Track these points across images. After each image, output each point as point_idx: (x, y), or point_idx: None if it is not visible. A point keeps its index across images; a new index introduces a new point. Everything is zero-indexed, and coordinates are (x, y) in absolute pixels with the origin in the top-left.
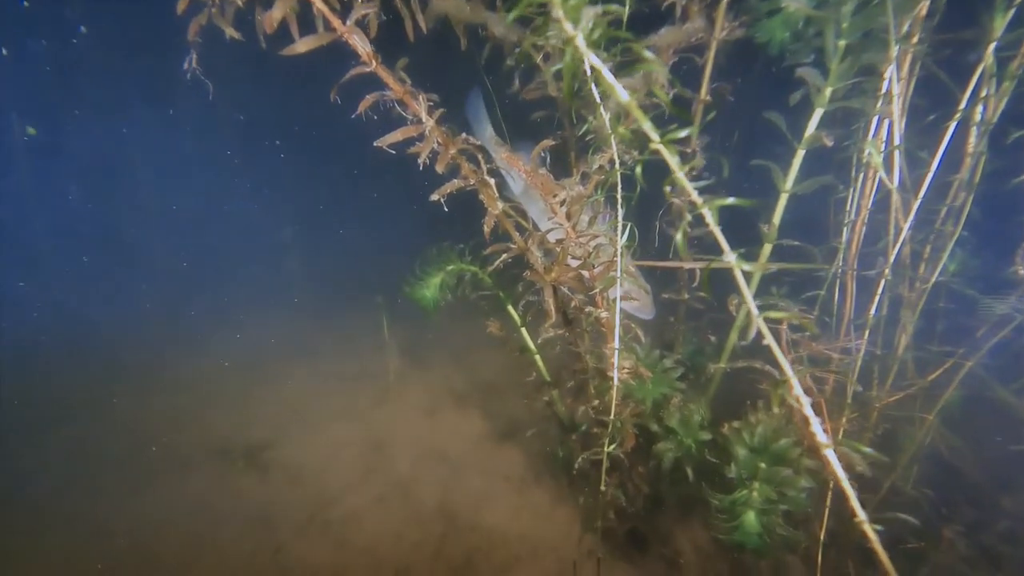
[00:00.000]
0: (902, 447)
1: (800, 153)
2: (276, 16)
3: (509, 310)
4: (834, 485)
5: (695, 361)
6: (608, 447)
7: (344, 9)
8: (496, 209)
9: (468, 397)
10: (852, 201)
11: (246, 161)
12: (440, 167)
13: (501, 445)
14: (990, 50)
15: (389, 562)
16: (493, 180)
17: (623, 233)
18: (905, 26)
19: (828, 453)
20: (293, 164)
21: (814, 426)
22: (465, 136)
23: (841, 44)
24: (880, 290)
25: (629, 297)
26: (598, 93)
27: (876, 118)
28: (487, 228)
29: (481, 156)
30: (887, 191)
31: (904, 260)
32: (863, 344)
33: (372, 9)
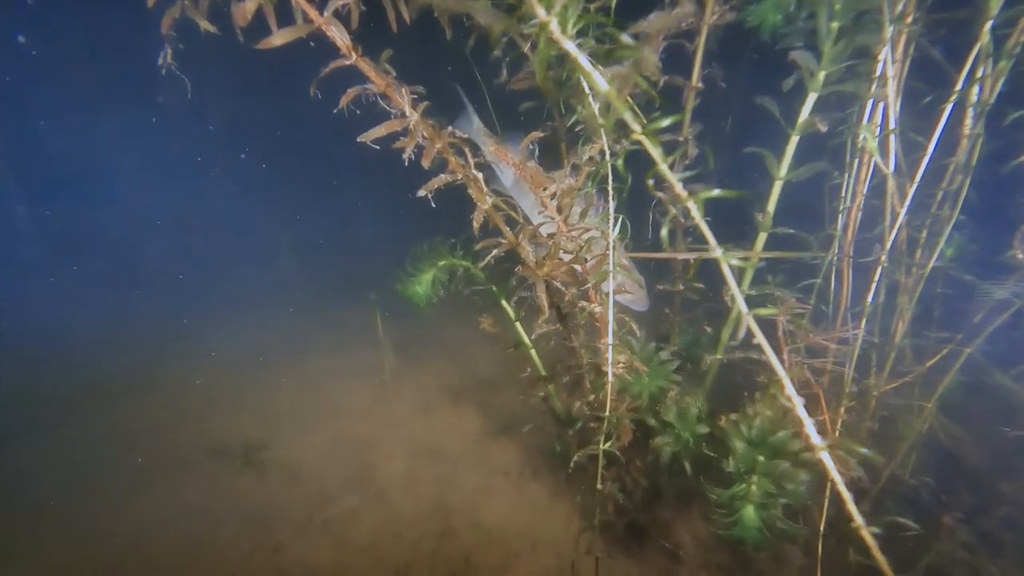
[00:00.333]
0: (901, 435)
1: (794, 139)
2: (249, 8)
3: (503, 304)
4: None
5: (691, 352)
6: (604, 444)
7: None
8: (485, 204)
9: (464, 392)
10: (847, 187)
11: (237, 159)
12: (426, 162)
13: (498, 440)
14: (986, 28)
15: (388, 561)
16: (482, 174)
17: (615, 226)
18: (899, 6)
19: (824, 456)
20: (282, 160)
21: (808, 428)
22: (451, 129)
23: (834, 26)
24: (877, 277)
25: (623, 290)
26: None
27: (871, 102)
28: (476, 224)
29: (468, 150)
30: (883, 176)
31: (901, 246)
32: (860, 333)
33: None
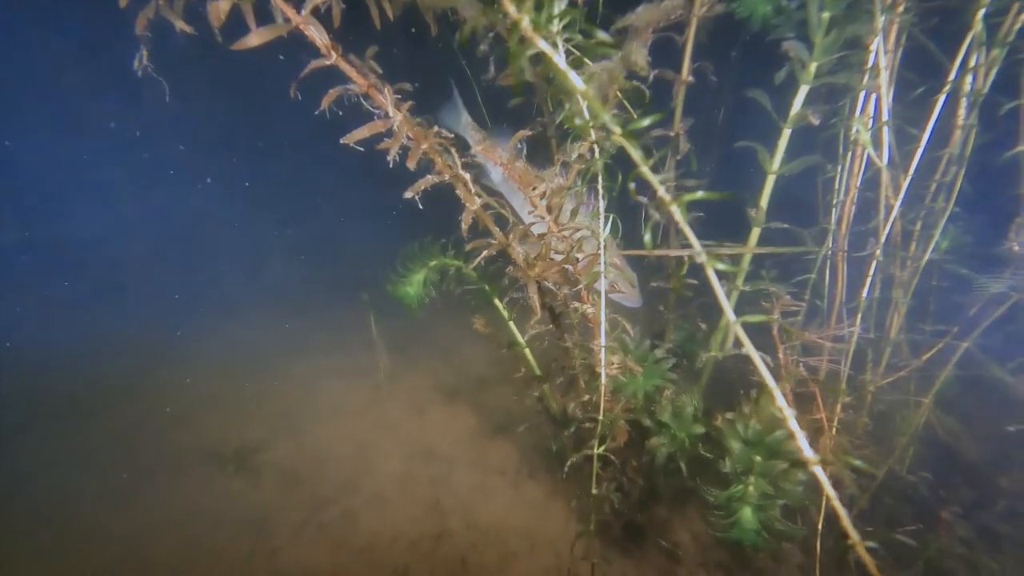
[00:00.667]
0: (898, 430)
1: (786, 132)
2: (223, 7)
3: (496, 304)
4: (831, 477)
5: (686, 348)
6: (598, 448)
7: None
8: (474, 205)
9: (459, 392)
10: (840, 180)
11: (227, 159)
12: (411, 164)
13: (494, 439)
14: (979, 17)
15: (386, 563)
16: (469, 175)
17: (606, 225)
18: None
19: (817, 471)
20: (271, 161)
21: (800, 441)
22: (438, 129)
23: (825, 16)
24: (872, 271)
25: (615, 287)
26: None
27: (863, 93)
28: (464, 225)
29: (455, 150)
30: (876, 169)
31: (895, 239)
32: (856, 328)
33: None
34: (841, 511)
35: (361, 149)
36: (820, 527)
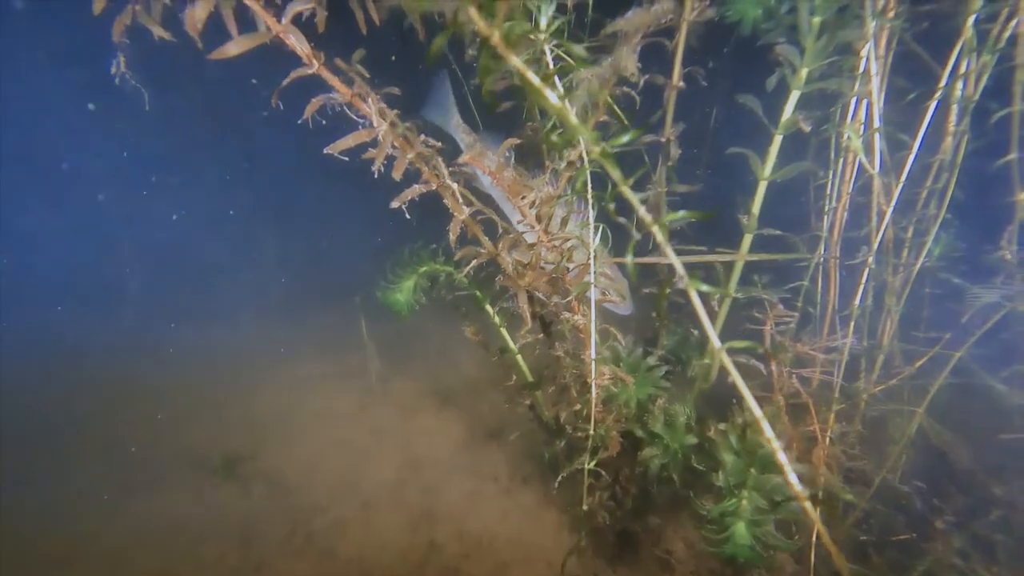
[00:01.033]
0: (892, 438)
1: (778, 138)
2: (199, 15)
3: (487, 310)
4: (825, 484)
5: (679, 353)
6: (590, 463)
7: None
8: (462, 214)
9: (451, 396)
10: (832, 187)
11: (216, 161)
12: (396, 174)
13: (487, 445)
14: (969, 23)
15: (376, 573)
16: (459, 182)
17: (596, 234)
18: (881, 0)
19: (808, 506)
20: (261, 163)
21: (789, 475)
22: (425, 138)
23: (815, 21)
24: (864, 278)
25: (607, 294)
26: (561, 85)
27: (854, 99)
28: (452, 236)
29: (443, 160)
30: (868, 175)
31: (888, 246)
32: (848, 339)
33: (308, 6)
34: (833, 549)
35: (345, 159)
36: (814, 538)
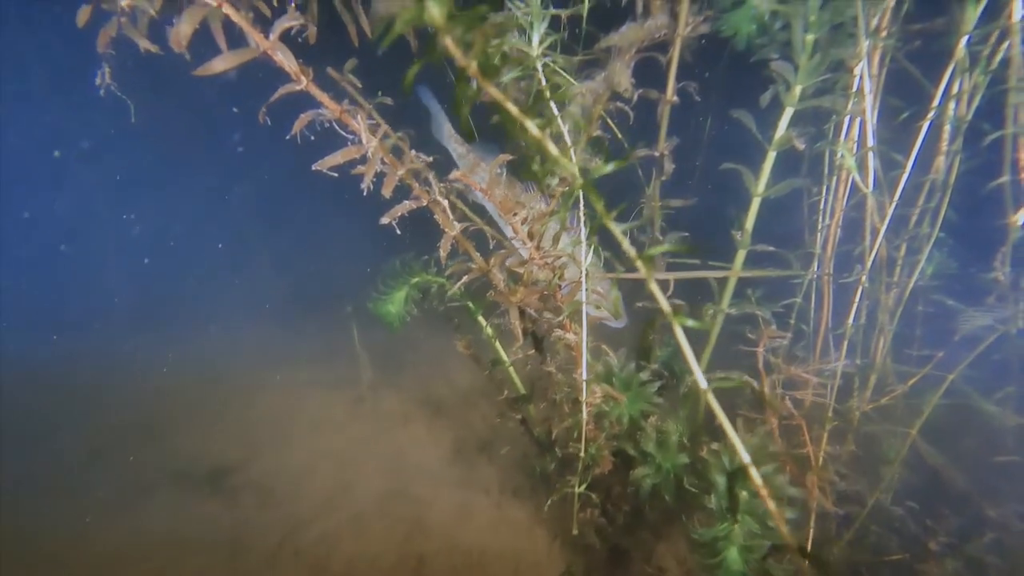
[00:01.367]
0: (885, 458)
1: (771, 155)
2: (184, 32)
3: (480, 321)
4: (818, 507)
5: (673, 365)
6: (580, 486)
7: (276, 14)
8: (453, 230)
9: (443, 406)
10: (826, 204)
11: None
12: (386, 191)
13: (478, 456)
14: (961, 44)
15: None
16: (447, 201)
17: (588, 253)
18: (875, 20)
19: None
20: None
21: (780, 527)
22: (416, 154)
23: (809, 39)
24: (857, 298)
25: (600, 308)
26: (555, 104)
27: (848, 117)
28: (443, 252)
29: (434, 176)
30: (862, 193)
31: (881, 264)
32: (841, 359)
33: (297, 22)
34: None
35: (335, 175)
36: (807, 562)
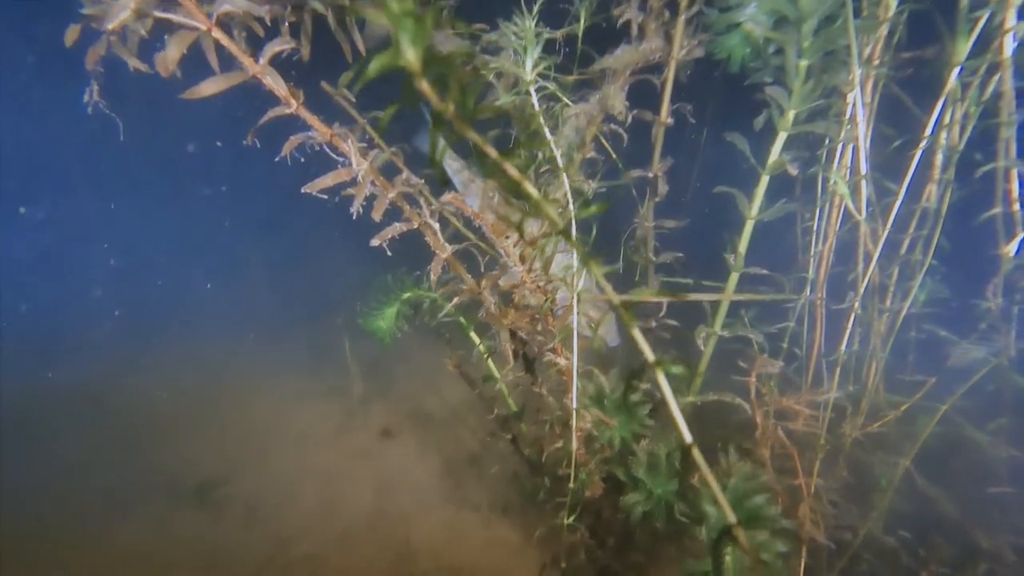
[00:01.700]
0: (879, 485)
1: (765, 179)
2: (172, 56)
3: (472, 337)
4: (809, 541)
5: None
6: (569, 517)
7: (270, 34)
8: (444, 252)
9: (433, 421)
10: (819, 228)
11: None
12: (376, 215)
13: (468, 472)
14: (953, 75)
15: None
16: (437, 224)
17: (579, 279)
18: (867, 48)
19: None
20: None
21: None
22: (407, 176)
23: (803, 64)
24: (850, 324)
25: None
26: (547, 128)
27: (841, 144)
28: (434, 276)
29: (424, 199)
30: (854, 221)
31: (874, 290)
32: (834, 389)
33: (288, 46)
34: None
35: (324, 197)
36: None
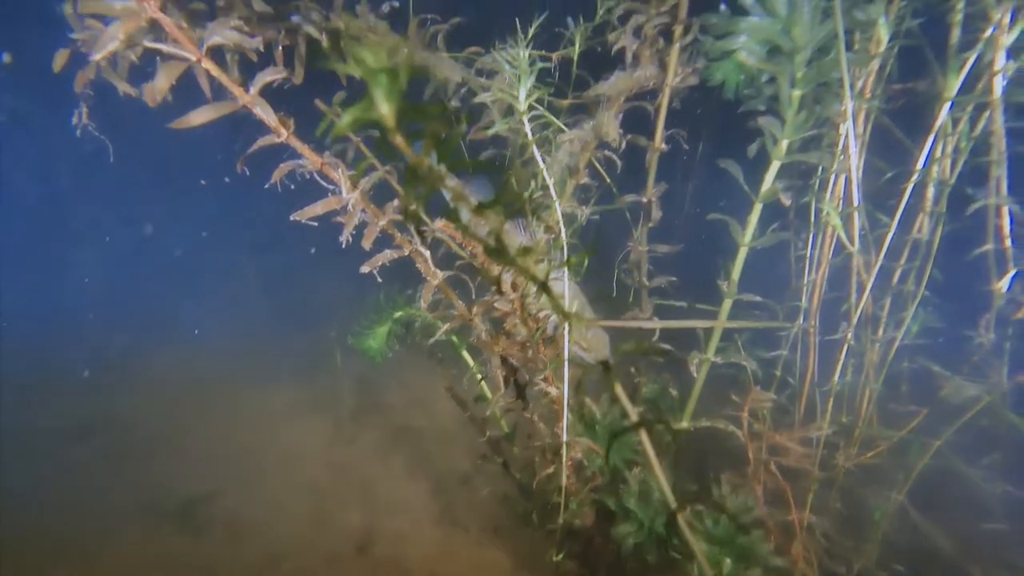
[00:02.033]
0: (872, 518)
1: (758, 207)
2: (161, 86)
3: (464, 356)
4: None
5: (659, 403)
6: (557, 555)
7: (263, 62)
8: (436, 279)
9: (424, 437)
10: (812, 257)
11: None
12: (367, 243)
13: (459, 492)
14: (944, 110)
15: None
16: (429, 252)
17: (572, 303)
18: (860, 81)
19: None
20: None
21: None
22: (396, 203)
23: (796, 94)
24: (843, 355)
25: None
26: (540, 156)
27: (834, 175)
28: (424, 303)
29: (415, 226)
30: (847, 252)
31: (866, 321)
32: (827, 421)
33: (279, 76)
34: None
35: (315, 224)
36: None
